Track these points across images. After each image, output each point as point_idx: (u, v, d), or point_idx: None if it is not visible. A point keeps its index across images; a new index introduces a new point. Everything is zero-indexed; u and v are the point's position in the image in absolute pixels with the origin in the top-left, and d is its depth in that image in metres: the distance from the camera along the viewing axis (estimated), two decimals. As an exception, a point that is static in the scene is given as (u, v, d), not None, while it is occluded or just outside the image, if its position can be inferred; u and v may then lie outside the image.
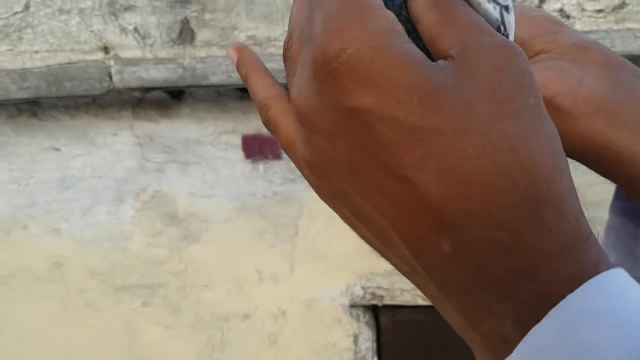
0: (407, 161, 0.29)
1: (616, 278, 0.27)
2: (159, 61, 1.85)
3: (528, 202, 0.28)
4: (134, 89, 1.85)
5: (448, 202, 0.28)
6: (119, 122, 1.93)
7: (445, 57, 0.29)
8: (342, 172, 0.30)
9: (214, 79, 1.83)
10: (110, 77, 1.81)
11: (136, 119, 1.94)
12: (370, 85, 0.28)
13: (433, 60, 0.29)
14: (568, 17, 1.84)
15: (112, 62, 1.82)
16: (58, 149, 1.96)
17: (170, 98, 1.96)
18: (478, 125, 0.28)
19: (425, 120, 0.28)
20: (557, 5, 1.85)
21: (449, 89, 0.28)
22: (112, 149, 1.95)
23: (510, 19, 0.40)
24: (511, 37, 0.40)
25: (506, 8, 0.40)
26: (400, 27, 0.30)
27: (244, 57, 0.36)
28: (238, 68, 0.37)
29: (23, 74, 1.81)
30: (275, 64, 0.52)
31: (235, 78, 1.76)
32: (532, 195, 0.28)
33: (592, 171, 0.41)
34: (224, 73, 1.83)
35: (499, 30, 0.39)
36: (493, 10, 0.38)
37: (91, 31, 1.86)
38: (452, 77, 0.28)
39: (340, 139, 0.30)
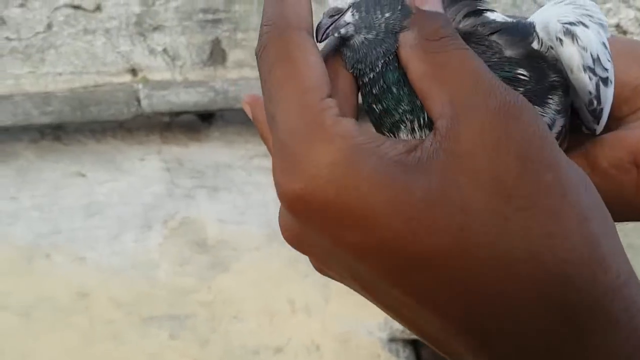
0: (415, 290, 0.25)
1: None
2: (189, 84, 1.75)
3: (567, 316, 0.22)
4: (163, 114, 1.75)
5: (472, 324, 0.24)
6: (147, 147, 1.84)
7: (432, 132, 0.26)
8: (348, 283, 0.28)
9: (247, 103, 1.73)
10: (139, 101, 1.72)
11: (164, 142, 1.85)
12: (345, 224, 0.25)
13: None
14: (625, 32, 1.73)
15: (140, 86, 1.73)
16: (83, 175, 1.87)
17: (200, 121, 1.87)
18: (483, 235, 0.24)
19: (420, 246, 0.24)
20: (614, 21, 1.74)
21: (437, 195, 0.24)
22: (139, 174, 1.86)
23: (608, 93, 0.35)
24: (604, 117, 0.35)
25: (605, 81, 0.35)
26: (362, 135, 0.27)
27: (257, 113, 0.35)
28: (254, 123, 0.36)
29: (46, 97, 1.72)
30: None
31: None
32: (570, 307, 0.22)
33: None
34: (257, 96, 1.73)
35: (590, 104, 0.35)
36: (587, 81, 0.34)
37: (118, 52, 1.77)
38: (439, 175, 0.24)
39: (332, 266, 0.28)
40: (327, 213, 0.25)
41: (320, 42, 0.35)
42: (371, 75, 0.36)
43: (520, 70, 0.35)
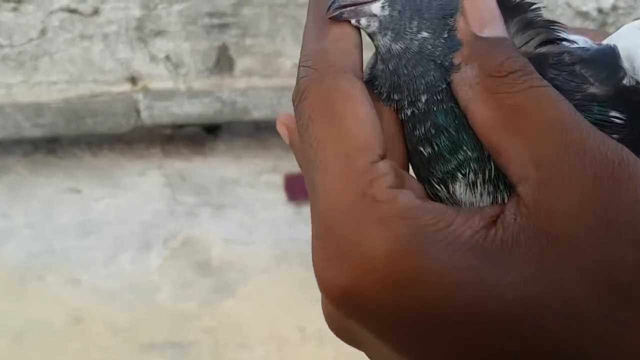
0: None
1: None
2: (193, 94, 1.63)
3: None
4: (164, 126, 1.63)
5: None
6: (147, 161, 1.72)
7: (514, 200, 0.22)
8: None
9: (256, 114, 1.61)
10: (139, 112, 1.60)
11: (166, 156, 1.72)
12: (410, 333, 0.22)
13: None
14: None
15: (140, 96, 1.60)
16: (78, 191, 1.74)
17: (205, 133, 1.74)
18: (597, 351, 0.20)
19: None
20: None
21: (533, 296, 0.20)
22: (138, 190, 1.73)
23: None
24: None
25: None
26: (426, 212, 0.23)
27: (295, 138, 0.31)
28: (291, 148, 0.33)
29: (38, 108, 1.60)
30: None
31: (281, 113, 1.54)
32: None
33: None
34: (267, 107, 1.60)
35: None
36: None
37: (117, 59, 1.65)
38: (533, 266, 0.20)
39: None
40: (384, 317, 0.22)
41: (328, 16, 0.30)
42: (410, 112, 0.31)
43: (614, 113, 0.30)
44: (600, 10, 1.65)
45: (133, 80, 1.66)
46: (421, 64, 0.31)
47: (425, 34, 0.31)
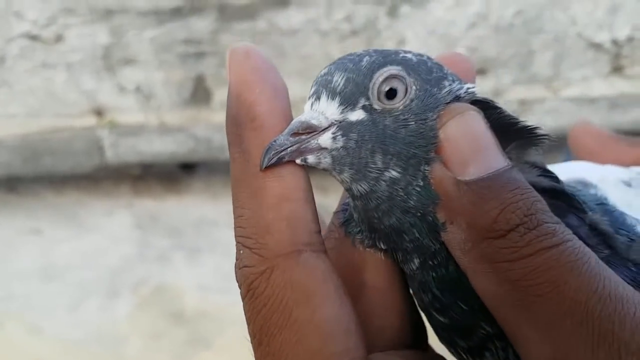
0: None
1: None
2: (165, 130, 1.48)
3: None
4: (131, 165, 1.48)
5: None
6: (115, 199, 1.57)
7: None
8: None
9: (233, 154, 1.46)
10: (103, 151, 1.45)
11: (136, 194, 1.58)
12: None
13: None
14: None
15: (105, 132, 1.46)
16: (40, 232, 1.60)
17: (179, 169, 1.59)
18: None
19: None
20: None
21: None
22: (105, 231, 1.58)
23: None
24: None
25: None
26: None
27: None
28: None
29: (-5, 144, 1.45)
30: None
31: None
32: None
33: None
34: (244, 145, 1.45)
35: None
36: None
37: (81, 91, 1.50)
38: None
39: None
40: None
41: (266, 168, 0.26)
42: (407, 269, 0.27)
43: None
44: (615, 42, 1.50)
45: (99, 113, 1.51)
46: (395, 215, 0.26)
47: (393, 173, 0.27)
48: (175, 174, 1.60)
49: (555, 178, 0.29)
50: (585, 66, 1.50)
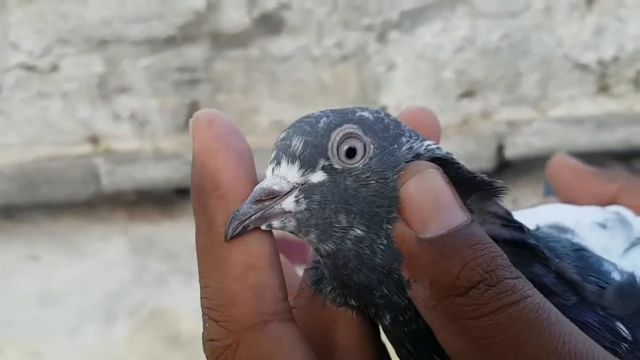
0: None
1: None
2: (160, 156, 1.50)
3: None
4: (128, 192, 1.50)
5: None
6: (111, 225, 1.59)
7: None
8: None
9: (227, 179, 1.48)
10: (98, 178, 1.47)
11: (132, 219, 1.59)
12: None
13: None
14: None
15: (101, 161, 1.48)
16: (38, 258, 1.61)
17: (175, 194, 1.61)
18: None
19: None
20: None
21: None
22: (102, 257, 1.60)
23: None
24: None
25: None
26: None
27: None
28: None
29: (-8, 173, 1.47)
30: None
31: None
32: None
33: None
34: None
35: None
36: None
37: (77, 119, 1.53)
38: None
39: None
40: None
41: (231, 239, 0.26)
42: (381, 324, 0.28)
43: (620, 326, 0.27)
44: (600, 62, 1.53)
45: (94, 141, 1.53)
46: (363, 272, 0.26)
47: (358, 232, 0.26)
48: (171, 198, 1.62)
49: (519, 227, 0.29)
50: (571, 86, 1.52)
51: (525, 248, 0.28)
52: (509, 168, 1.48)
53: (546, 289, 0.26)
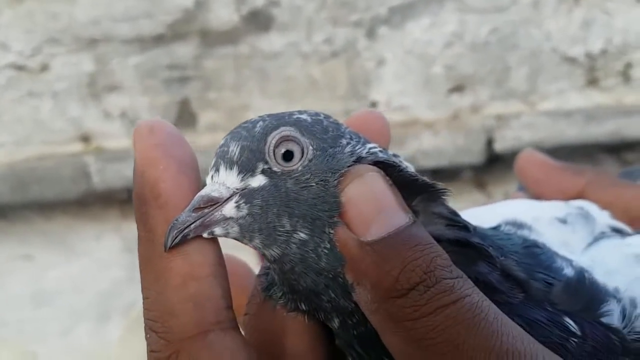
0: None
1: None
2: (150, 154, 1.50)
3: None
4: (118, 191, 1.50)
5: None
6: (104, 223, 1.59)
7: None
8: None
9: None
10: (89, 177, 1.47)
11: (124, 218, 1.59)
12: None
13: None
14: None
15: (91, 159, 1.48)
16: (31, 257, 1.61)
17: (167, 192, 1.61)
18: None
19: None
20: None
21: None
22: (95, 256, 1.60)
23: None
24: None
25: None
26: None
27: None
28: None
29: (-17, 174, 1.47)
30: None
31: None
32: None
33: None
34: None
35: None
36: None
37: (67, 118, 1.53)
38: None
39: None
40: None
41: (170, 247, 0.26)
42: (331, 327, 0.27)
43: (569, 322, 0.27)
44: (589, 55, 1.53)
45: (85, 139, 1.53)
46: (310, 276, 0.26)
47: (302, 235, 0.26)
48: (163, 196, 1.62)
49: (463, 227, 0.29)
50: (560, 80, 1.53)
51: (469, 247, 0.28)
52: (498, 161, 1.48)
53: (490, 287, 0.26)
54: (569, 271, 0.30)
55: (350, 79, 1.51)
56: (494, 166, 1.47)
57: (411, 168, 0.30)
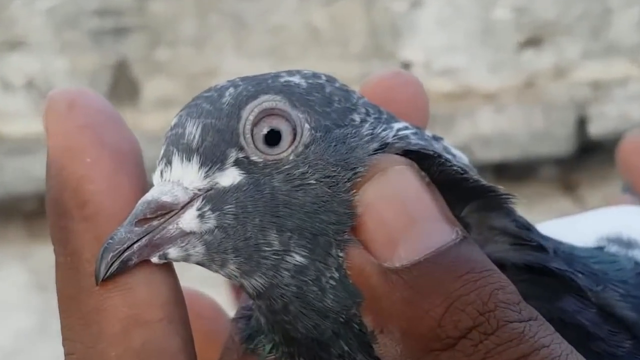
0: None
1: None
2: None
3: None
4: (24, 198, 1.13)
5: None
6: (3, 247, 1.18)
7: None
8: None
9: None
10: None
11: (33, 238, 1.23)
12: None
13: None
14: None
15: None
16: None
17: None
18: None
19: None
20: None
21: None
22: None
23: None
24: None
25: None
26: None
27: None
28: None
29: None
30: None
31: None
32: None
33: None
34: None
35: None
36: None
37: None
38: None
39: None
40: None
41: (104, 280, 0.21)
42: None
43: None
44: None
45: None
46: (311, 318, 0.22)
47: (297, 258, 0.21)
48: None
49: (537, 246, 0.23)
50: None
51: (547, 275, 0.23)
52: (594, 152, 1.20)
53: (583, 331, 0.23)
54: None
55: (370, 28, 1.16)
56: (587, 158, 1.22)
57: (463, 160, 0.24)
